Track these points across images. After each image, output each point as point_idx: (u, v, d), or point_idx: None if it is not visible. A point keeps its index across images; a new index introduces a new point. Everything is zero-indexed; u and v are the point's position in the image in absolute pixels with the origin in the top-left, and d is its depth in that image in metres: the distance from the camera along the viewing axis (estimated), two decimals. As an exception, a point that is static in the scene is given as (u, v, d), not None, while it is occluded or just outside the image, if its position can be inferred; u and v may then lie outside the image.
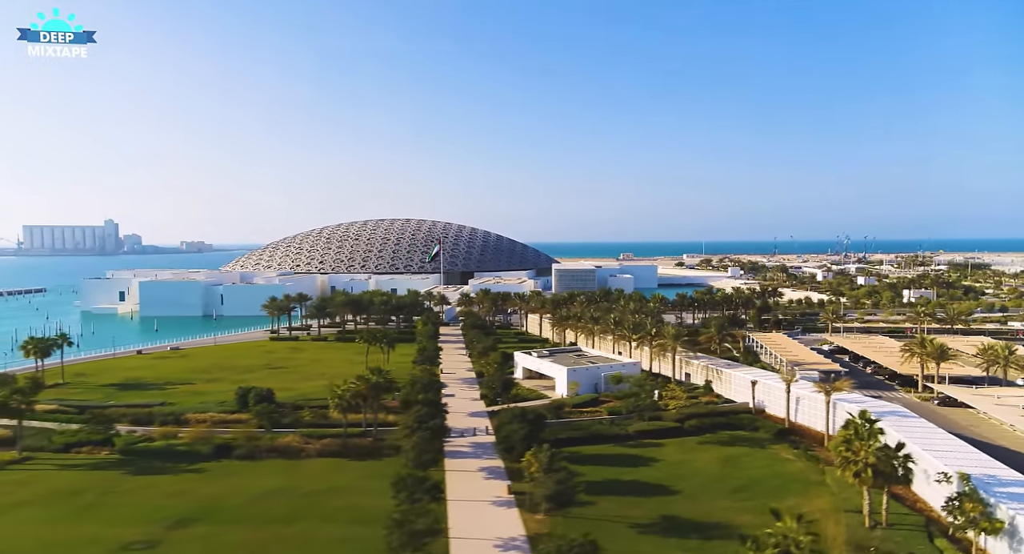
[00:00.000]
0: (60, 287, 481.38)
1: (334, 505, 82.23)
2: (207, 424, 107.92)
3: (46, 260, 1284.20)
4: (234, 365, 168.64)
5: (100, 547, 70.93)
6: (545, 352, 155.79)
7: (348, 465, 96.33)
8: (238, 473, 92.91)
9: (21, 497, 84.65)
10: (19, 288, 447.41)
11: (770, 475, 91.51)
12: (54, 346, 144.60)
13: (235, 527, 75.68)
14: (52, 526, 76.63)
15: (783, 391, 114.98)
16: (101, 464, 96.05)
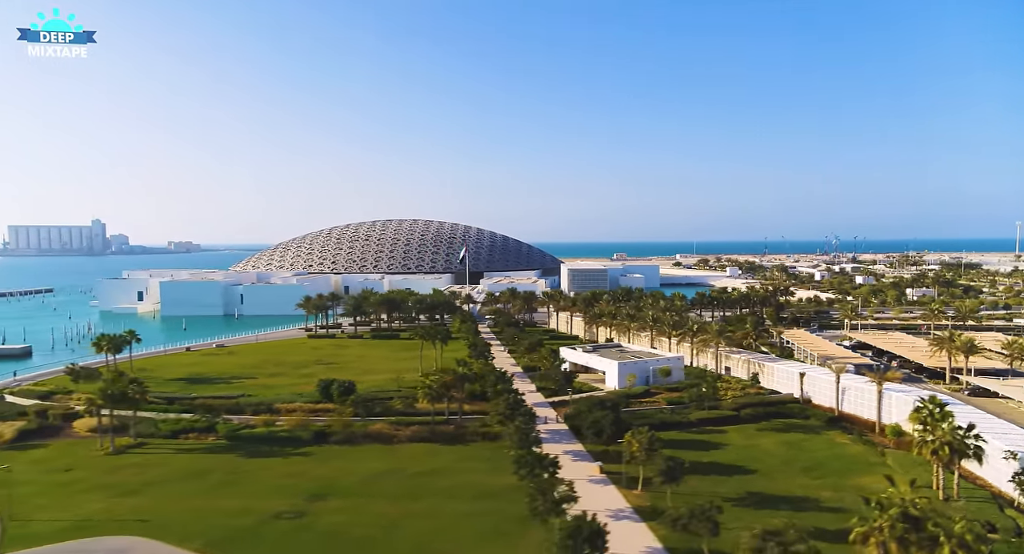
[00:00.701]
0: (67, 287, 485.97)
1: (444, 484, 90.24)
2: (298, 413, 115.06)
3: (33, 260, 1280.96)
4: (286, 361, 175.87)
5: (253, 516, 78.85)
6: (588, 347, 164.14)
7: (440, 449, 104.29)
8: (343, 456, 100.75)
9: (158, 475, 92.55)
10: (26, 288, 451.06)
11: (832, 457, 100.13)
12: (125, 342, 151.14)
13: (367, 501, 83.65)
14: (199, 499, 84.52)
15: (828, 382, 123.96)
16: (213, 448, 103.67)
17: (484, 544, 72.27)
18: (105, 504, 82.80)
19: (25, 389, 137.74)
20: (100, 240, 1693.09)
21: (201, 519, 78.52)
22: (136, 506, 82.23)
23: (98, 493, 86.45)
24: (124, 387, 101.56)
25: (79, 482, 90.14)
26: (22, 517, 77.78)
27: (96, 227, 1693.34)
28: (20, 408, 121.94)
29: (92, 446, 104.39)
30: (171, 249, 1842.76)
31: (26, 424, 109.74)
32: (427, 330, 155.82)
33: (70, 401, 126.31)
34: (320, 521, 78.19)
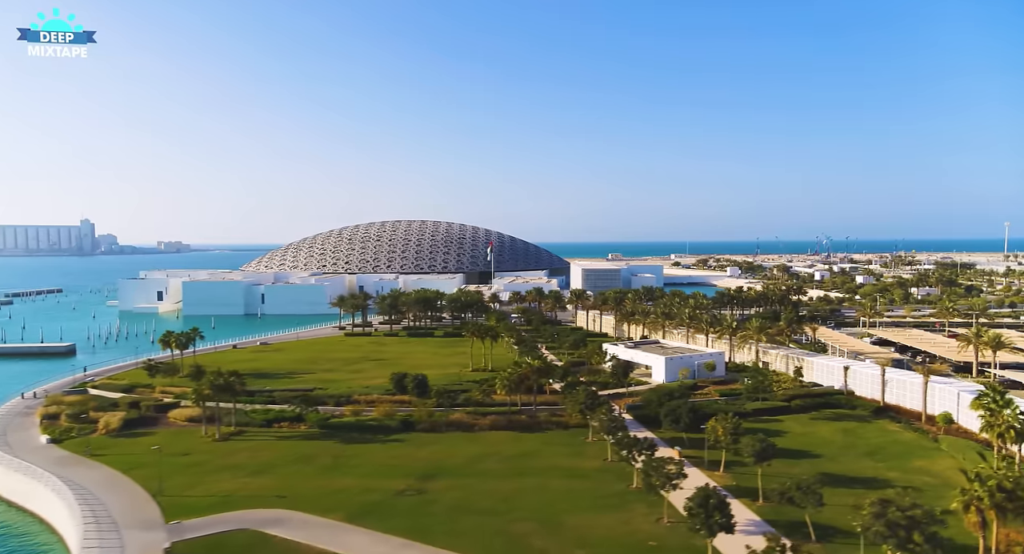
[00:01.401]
0: (76, 287, 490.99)
1: (537, 465, 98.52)
2: (385, 404, 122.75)
3: (22, 260, 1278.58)
4: (334, 357, 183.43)
5: (377, 493, 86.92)
6: (630, 343, 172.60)
7: (521, 436, 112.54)
8: (434, 442, 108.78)
9: (270, 458, 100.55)
10: (36, 289, 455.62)
11: (889, 442, 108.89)
12: (191, 339, 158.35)
13: (476, 480, 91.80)
14: (318, 479, 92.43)
15: (870, 375, 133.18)
16: (308, 436, 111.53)
17: (598, 513, 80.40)
18: (237, 483, 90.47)
19: (106, 383, 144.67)
20: (89, 240, 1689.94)
21: (330, 496, 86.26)
22: (266, 485, 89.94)
23: (225, 473, 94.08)
24: (228, 380, 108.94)
25: (203, 464, 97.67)
26: (172, 493, 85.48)
27: (85, 227, 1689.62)
28: (109, 400, 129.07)
29: (196, 434, 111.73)
30: (161, 249, 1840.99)
31: (128, 414, 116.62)
32: (477, 328, 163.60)
33: (154, 393, 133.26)
34: (441, 497, 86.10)
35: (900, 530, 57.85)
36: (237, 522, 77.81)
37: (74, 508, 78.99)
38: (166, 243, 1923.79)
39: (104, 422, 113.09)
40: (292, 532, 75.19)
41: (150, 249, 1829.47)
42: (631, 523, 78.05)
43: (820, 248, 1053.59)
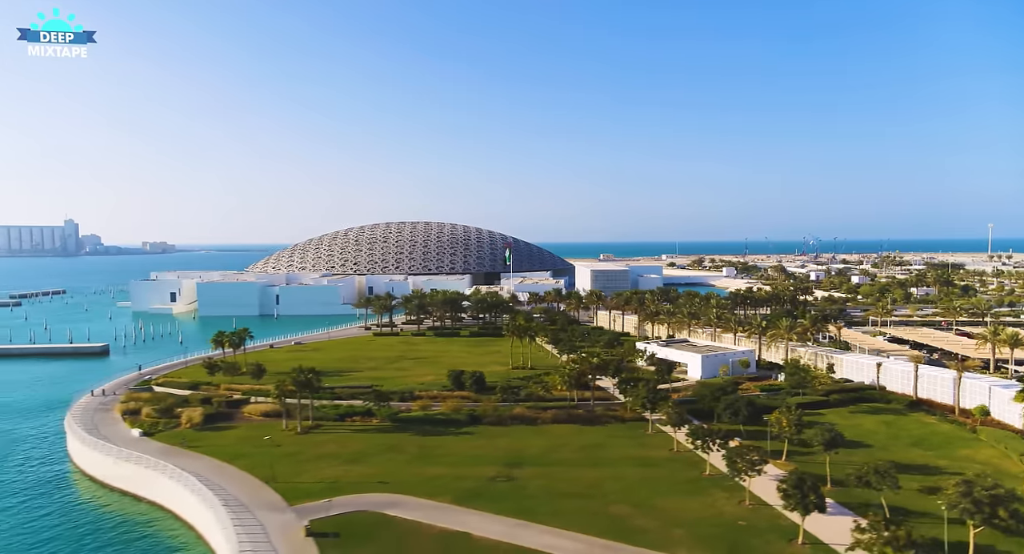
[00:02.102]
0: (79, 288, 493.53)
1: (609, 455, 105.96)
2: (455, 399, 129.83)
3: (5, 261, 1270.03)
4: (373, 356, 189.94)
5: (472, 480, 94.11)
6: (662, 342, 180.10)
7: (583, 429, 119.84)
8: (505, 435, 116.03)
9: (359, 449, 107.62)
10: (38, 290, 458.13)
11: (930, 434, 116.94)
12: (241, 339, 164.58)
13: (558, 468, 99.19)
14: (411, 467, 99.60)
15: (901, 371, 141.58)
16: (383, 429, 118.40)
17: (682, 497, 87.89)
18: (339, 471, 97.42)
19: (168, 380, 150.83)
20: (73, 240, 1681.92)
21: (428, 482, 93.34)
22: (366, 472, 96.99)
23: (322, 462, 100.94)
24: (308, 377, 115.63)
25: (297, 454, 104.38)
26: (284, 479, 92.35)
27: (69, 227, 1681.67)
28: (178, 396, 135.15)
29: (276, 427, 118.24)
30: (146, 250, 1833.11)
31: (207, 409, 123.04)
32: (516, 328, 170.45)
33: (219, 391, 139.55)
34: (531, 483, 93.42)
35: (985, 507, 65.50)
36: (355, 504, 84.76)
37: (204, 493, 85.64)
38: (151, 244, 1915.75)
39: (187, 417, 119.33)
40: (409, 513, 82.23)
41: (135, 249, 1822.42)
42: (715, 506, 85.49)
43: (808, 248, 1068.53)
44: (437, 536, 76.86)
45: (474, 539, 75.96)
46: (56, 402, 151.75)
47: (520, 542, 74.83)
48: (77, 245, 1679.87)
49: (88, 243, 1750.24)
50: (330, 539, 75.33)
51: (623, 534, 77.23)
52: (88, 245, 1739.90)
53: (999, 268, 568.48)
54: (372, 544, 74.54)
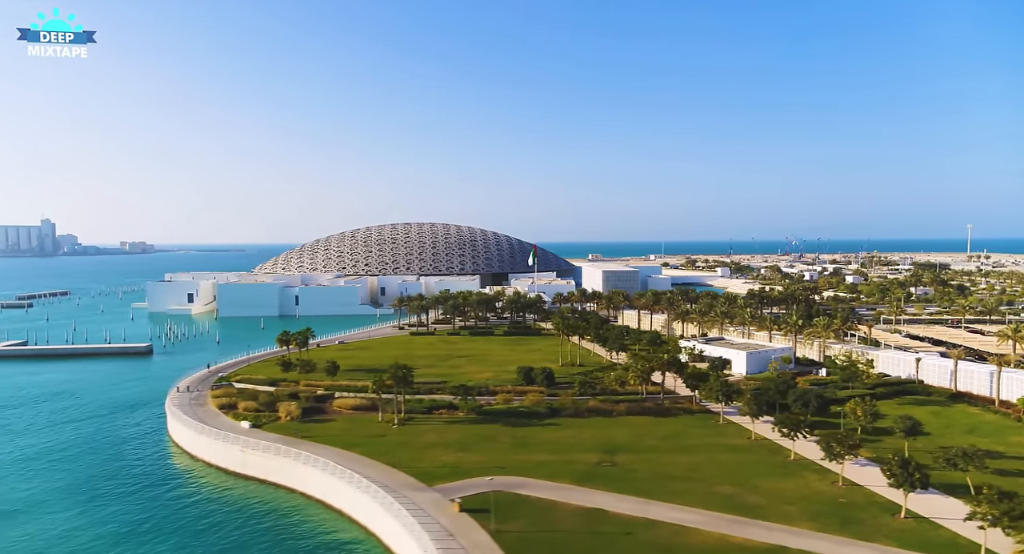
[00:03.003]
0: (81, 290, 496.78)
1: (693, 443, 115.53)
2: (511, 394, 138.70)
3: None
4: (421, 354, 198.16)
5: (579, 465, 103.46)
6: (702, 340, 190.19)
7: (658, 420, 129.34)
8: (589, 426, 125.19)
9: (459, 438, 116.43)
10: (41, 292, 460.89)
11: (978, 423, 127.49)
12: (307, 338, 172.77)
13: (653, 454, 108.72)
14: (516, 454, 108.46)
15: (938, 365, 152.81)
16: (472, 421, 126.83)
17: (777, 479, 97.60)
18: (454, 457, 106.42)
19: (246, 377, 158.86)
20: (50, 240, 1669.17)
21: (541, 467, 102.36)
22: (478, 458, 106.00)
23: (434, 450, 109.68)
24: (400, 372, 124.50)
25: (406, 443, 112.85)
26: (407, 465, 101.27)
27: (46, 227, 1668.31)
28: (264, 392, 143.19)
29: (372, 420, 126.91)
30: (126, 250, 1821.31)
31: (301, 403, 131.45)
32: (570, 326, 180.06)
33: (299, 387, 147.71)
34: (637, 467, 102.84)
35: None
36: (487, 486, 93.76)
37: (351, 477, 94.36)
38: (131, 244, 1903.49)
39: (285, 410, 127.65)
40: (538, 493, 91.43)
41: (114, 250, 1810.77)
42: (811, 486, 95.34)
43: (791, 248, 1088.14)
44: (576, 512, 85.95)
45: (610, 515, 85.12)
46: (135, 399, 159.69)
47: (652, 516, 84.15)
48: (54, 245, 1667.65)
49: (65, 243, 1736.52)
50: (482, 514, 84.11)
51: (739, 510, 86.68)
52: (65, 245, 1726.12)
53: (981, 267, 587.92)
54: (522, 519, 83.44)
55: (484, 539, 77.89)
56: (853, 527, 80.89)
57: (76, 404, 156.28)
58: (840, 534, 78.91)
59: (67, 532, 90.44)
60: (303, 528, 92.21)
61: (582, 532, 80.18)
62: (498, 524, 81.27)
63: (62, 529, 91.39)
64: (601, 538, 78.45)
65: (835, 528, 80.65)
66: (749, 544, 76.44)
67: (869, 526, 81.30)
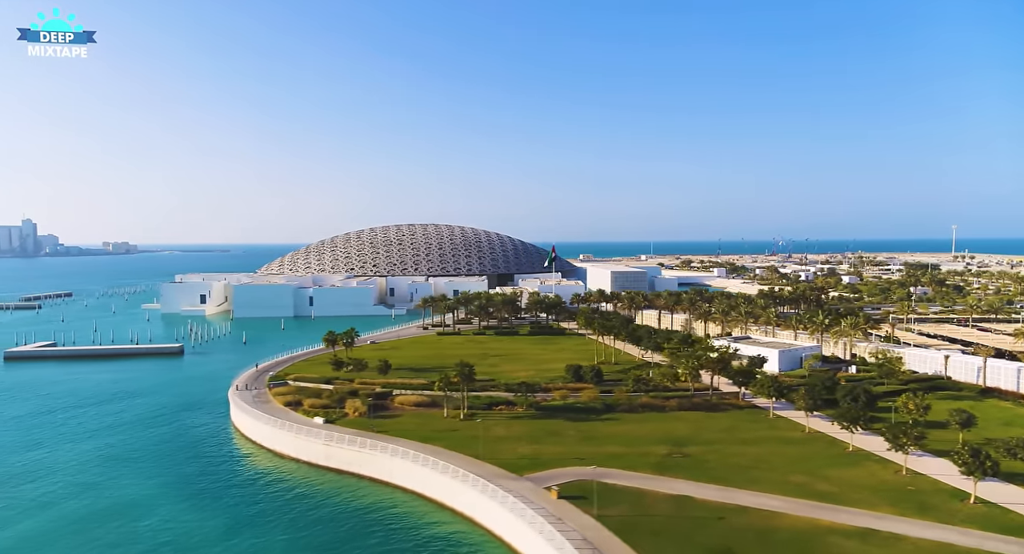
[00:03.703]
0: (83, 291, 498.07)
1: (751, 436, 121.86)
2: (566, 391, 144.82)
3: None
4: (455, 353, 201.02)
5: (651, 456, 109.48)
6: (730, 339, 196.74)
7: (710, 415, 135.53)
8: (646, 420, 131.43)
9: (526, 432, 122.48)
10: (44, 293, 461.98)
11: (1013, 416, 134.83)
12: (352, 338, 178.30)
13: (717, 446, 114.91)
14: (587, 447, 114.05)
15: (968, 362, 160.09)
16: (533, 416, 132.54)
17: (842, 468, 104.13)
18: (532, 449, 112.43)
19: (301, 375, 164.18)
20: (32, 241, 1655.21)
21: (616, 458, 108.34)
22: (556, 450, 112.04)
23: (508, 443, 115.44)
24: (467, 371, 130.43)
25: (480, 437, 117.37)
26: (488, 457, 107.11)
27: (27, 227, 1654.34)
28: (327, 390, 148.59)
29: (437, 416, 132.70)
30: (109, 250, 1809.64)
31: (364, 400, 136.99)
32: (606, 326, 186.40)
33: (353, 384, 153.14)
34: (706, 457, 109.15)
35: None
36: (573, 475, 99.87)
37: (444, 467, 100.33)
38: (114, 244, 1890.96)
39: (353, 407, 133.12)
40: (624, 481, 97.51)
41: (97, 250, 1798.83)
42: (876, 475, 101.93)
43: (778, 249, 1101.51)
44: (664, 498, 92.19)
45: (698, 501, 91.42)
46: (191, 398, 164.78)
47: (738, 502, 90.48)
48: (36, 245, 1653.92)
49: (47, 243, 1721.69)
50: (580, 500, 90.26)
51: (816, 496, 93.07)
52: (47, 245, 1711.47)
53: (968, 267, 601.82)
54: (619, 504, 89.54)
55: (590, 523, 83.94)
56: (930, 512, 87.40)
57: (137, 404, 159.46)
58: (921, 518, 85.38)
59: (186, 524, 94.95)
60: (408, 520, 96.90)
61: (678, 517, 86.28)
62: (600, 509, 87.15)
63: (181, 520, 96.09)
64: (697, 522, 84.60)
65: (913, 512, 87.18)
66: (839, 527, 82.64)
67: (944, 511, 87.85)
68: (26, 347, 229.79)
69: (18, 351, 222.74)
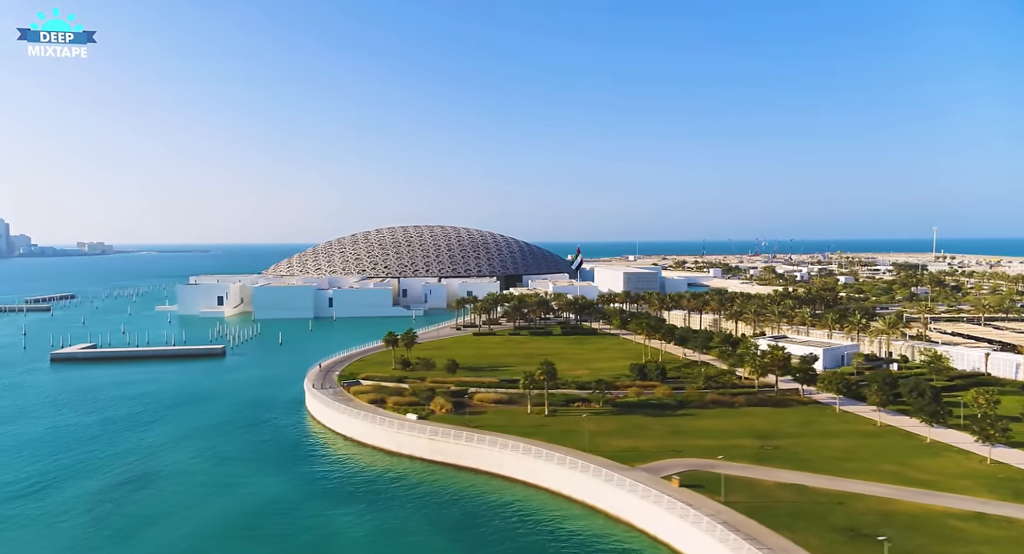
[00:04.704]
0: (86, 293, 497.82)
1: (828, 430, 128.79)
2: (639, 388, 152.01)
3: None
4: (499, 353, 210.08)
5: (746, 449, 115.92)
6: (770, 338, 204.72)
7: (778, 411, 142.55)
8: (722, 416, 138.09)
9: (613, 427, 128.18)
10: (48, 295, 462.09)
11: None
12: (412, 339, 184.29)
13: (801, 439, 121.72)
14: (679, 440, 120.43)
15: (1008, 359, 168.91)
16: (610, 412, 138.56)
17: (928, 458, 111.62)
18: (628, 442, 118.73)
19: (372, 374, 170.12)
20: (4, 241, 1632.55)
21: (713, 450, 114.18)
22: (649, 444, 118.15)
23: (602, 437, 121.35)
24: (551, 369, 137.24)
25: (573, 431, 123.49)
26: (592, 450, 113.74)
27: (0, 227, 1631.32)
28: (402, 388, 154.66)
29: (520, 412, 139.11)
30: (85, 251, 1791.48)
31: (447, 398, 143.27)
32: (651, 326, 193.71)
33: (425, 384, 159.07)
34: (797, 449, 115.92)
35: None
36: (684, 466, 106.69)
37: (561, 459, 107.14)
38: (90, 245, 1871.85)
39: (439, 404, 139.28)
40: (731, 471, 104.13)
41: (73, 251, 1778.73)
42: (962, 465, 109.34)
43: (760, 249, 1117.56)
44: (778, 487, 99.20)
45: (811, 488, 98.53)
46: (262, 398, 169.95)
47: (846, 489, 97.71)
48: (9, 246, 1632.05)
49: (20, 244, 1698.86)
50: (699, 488, 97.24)
51: (917, 484, 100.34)
52: (20, 246, 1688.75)
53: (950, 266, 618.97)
54: (737, 492, 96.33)
55: (722, 508, 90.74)
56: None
57: (216, 406, 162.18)
58: (1022, 503, 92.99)
59: (342, 519, 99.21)
60: (536, 510, 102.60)
61: (801, 502, 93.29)
62: (725, 497, 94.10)
63: (330, 515, 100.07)
64: (821, 507, 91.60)
65: (1013, 498, 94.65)
66: (952, 511, 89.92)
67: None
68: (71, 349, 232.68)
69: (64, 353, 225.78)
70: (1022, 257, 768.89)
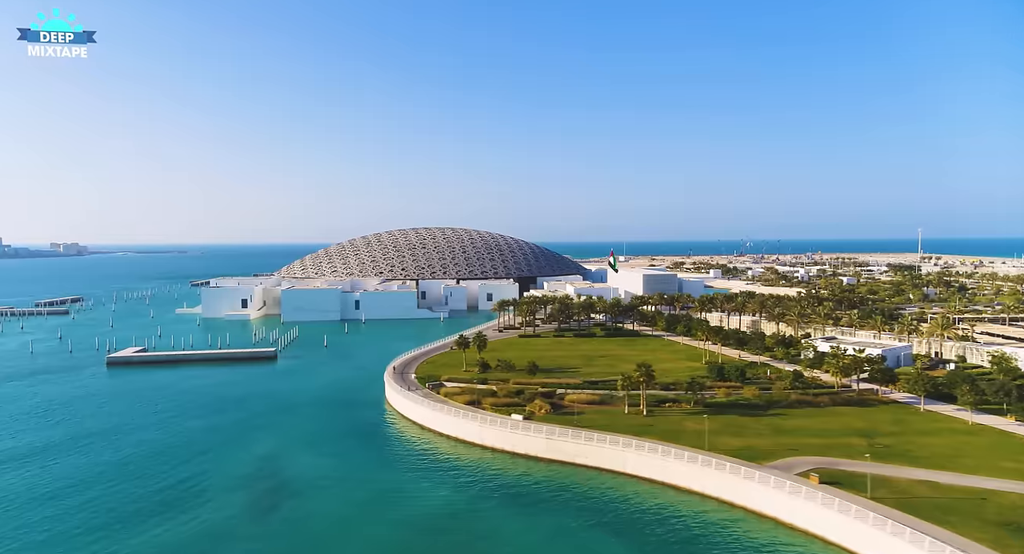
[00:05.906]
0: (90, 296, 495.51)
1: (925, 428, 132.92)
2: (728, 389, 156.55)
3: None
4: (553, 354, 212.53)
5: (855, 447, 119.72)
6: (821, 339, 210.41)
7: (863, 410, 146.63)
8: (812, 415, 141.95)
9: (714, 426, 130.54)
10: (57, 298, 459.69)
11: None
12: (484, 342, 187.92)
13: (903, 438, 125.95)
14: (787, 439, 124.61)
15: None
16: (702, 412, 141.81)
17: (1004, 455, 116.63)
18: (742, 442, 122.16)
19: (453, 376, 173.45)
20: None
21: (828, 449, 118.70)
22: (764, 443, 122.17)
23: (714, 437, 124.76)
24: (649, 370, 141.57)
25: (680, 431, 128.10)
26: (710, 448, 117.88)
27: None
28: (488, 390, 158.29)
29: (617, 412, 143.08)
30: (60, 251, 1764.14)
31: (542, 399, 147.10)
32: (709, 330, 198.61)
33: (508, 385, 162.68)
34: (906, 446, 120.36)
35: None
36: (809, 464, 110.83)
37: (691, 457, 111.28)
38: (65, 245, 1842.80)
39: (538, 406, 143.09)
40: (859, 469, 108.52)
41: (47, 251, 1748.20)
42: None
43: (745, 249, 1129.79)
44: (912, 483, 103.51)
45: (944, 485, 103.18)
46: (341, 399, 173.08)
47: (977, 485, 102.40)
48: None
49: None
50: (838, 485, 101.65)
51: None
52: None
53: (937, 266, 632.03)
54: (877, 488, 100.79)
55: (872, 503, 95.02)
56: None
57: (305, 410, 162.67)
58: None
59: (495, 521, 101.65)
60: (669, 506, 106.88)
61: (943, 497, 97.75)
62: (867, 494, 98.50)
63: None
64: (965, 503, 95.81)
65: None
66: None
67: None
68: (125, 352, 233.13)
69: (120, 357, 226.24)
70: (1003, 257, 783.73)
